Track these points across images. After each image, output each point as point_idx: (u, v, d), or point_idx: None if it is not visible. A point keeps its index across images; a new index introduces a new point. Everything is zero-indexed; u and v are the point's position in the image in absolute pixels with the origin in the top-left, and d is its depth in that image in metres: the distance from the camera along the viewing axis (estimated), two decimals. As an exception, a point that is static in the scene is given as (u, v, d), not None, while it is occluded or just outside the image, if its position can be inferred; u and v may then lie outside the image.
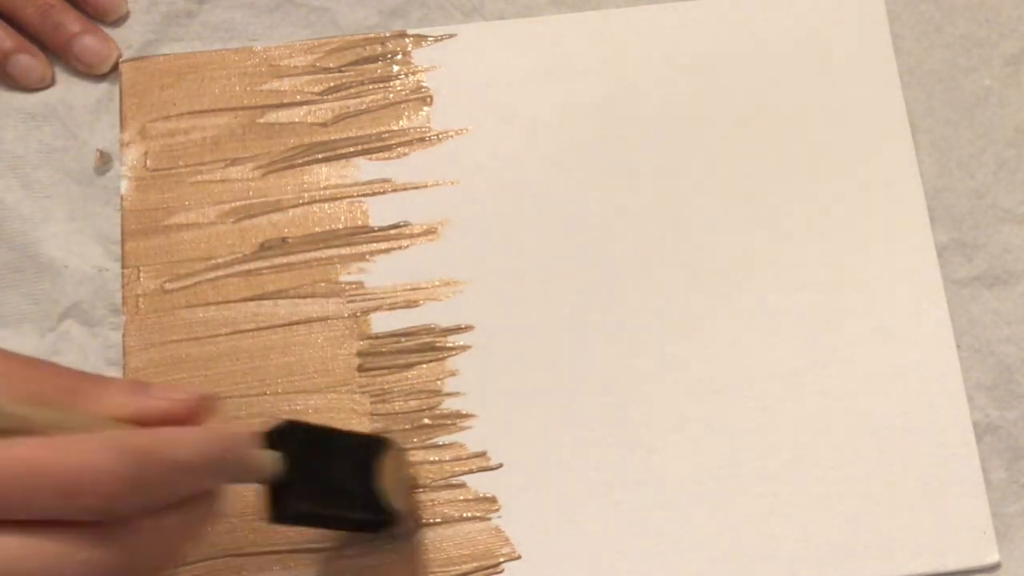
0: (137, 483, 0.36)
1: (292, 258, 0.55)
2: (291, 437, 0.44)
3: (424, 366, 0.53)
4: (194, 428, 0.40)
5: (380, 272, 0.54)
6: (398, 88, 0.57)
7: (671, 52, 0.58)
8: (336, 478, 0.45)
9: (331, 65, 0.57)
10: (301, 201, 0.55)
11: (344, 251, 0.55)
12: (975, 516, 0.51)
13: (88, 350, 0.53)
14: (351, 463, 0.46)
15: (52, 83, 0.57)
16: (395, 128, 0.57)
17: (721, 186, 0.56)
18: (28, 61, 0.56)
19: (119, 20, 0.58)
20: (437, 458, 0.52)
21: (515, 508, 0.51)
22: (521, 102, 0.57)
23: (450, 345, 0.53)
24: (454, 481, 0.52)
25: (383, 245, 0.55)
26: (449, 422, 0.52)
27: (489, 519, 0.51)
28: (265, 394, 0.53)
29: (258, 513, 0.44)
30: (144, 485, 0.36)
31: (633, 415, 0.52)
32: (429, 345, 0.53)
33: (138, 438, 0.37)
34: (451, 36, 0.58)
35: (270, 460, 0.42)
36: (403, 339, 0.54)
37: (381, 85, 0.57)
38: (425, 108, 0.57)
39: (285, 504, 0.43)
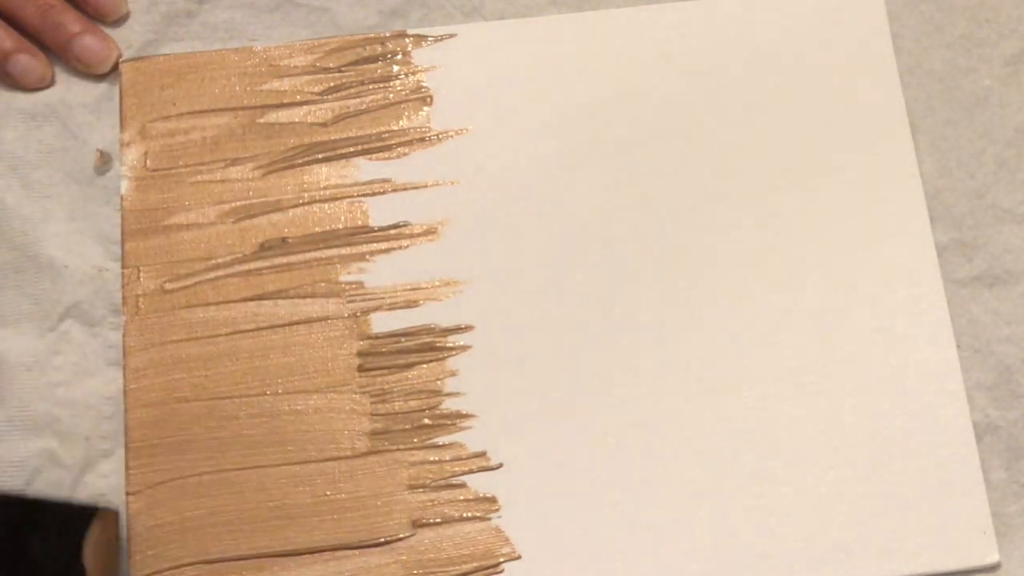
0: None
1: (292, 258, 0.54)
2: None
3: (424, 366, 0.53)
4: None
5: (380, 272, 0.54)
6: (398, 88, 0.57)
7: (671, 52, 0.58)
8: (31, 551, 0.45)
9: (331, 65, 0.57)
10: (301, 201, 0.55)
11: (344, 251, 0.55)
12: (975, 516, 0.51)
13: (88, 350, 0.53)
14: (52, 535, 0.46)
15: (52, 83, 0.57)
16: (395, 128, 0.57)
17: (721, 186, 0.56)
18: (28, 61, 0.56)
19: (119, 20, 0.58)
20: (437, 458, 0.52)
21: (515, 508, 0.51)
22: (521, 102, 0.57)
23: (450, 345, 0.53)
24: (454, 481, 0.52)
25: (383, 245, 0.55)
26: (449, 422, 0.52)
27: (489, 519, 0.51)
28: (265, 394, 0.53)
29: None
30: None
31: (633, 415, 0.52)
32: (429, 345, 0.53)
33: None
34: (451, 36, 0.58)
35: None
36: (403, 339, 0.53)
37: (381, 85, 0.57)
38: (425, 108, 0.57)
39: None
